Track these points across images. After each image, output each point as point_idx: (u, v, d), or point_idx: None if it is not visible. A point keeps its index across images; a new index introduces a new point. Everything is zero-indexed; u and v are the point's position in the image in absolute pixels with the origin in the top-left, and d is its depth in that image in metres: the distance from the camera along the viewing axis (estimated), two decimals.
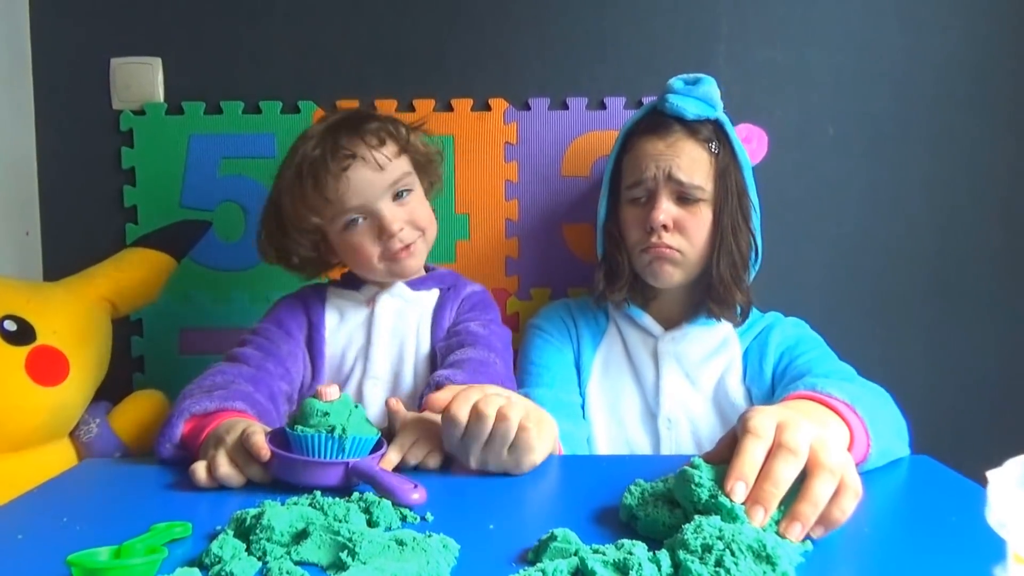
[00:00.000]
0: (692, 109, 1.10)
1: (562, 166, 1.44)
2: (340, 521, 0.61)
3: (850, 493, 0.58)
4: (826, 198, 1.44)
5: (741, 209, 1.12)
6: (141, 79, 1.43)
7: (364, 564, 0.54)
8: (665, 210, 1.10)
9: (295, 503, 0.65)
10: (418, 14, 1.43)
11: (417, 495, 0.69)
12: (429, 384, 0.98)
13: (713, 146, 1.11)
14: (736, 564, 0.51)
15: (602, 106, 1.43)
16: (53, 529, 0.65)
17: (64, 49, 1.45)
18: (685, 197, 1.10)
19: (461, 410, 0.75)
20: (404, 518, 0.67)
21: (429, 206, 1.16)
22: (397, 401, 0.86)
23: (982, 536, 0.54)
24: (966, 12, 1.41)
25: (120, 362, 1.37)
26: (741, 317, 1.15)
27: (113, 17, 1.44)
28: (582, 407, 1.16)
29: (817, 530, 0.59)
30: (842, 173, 1.44)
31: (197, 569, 0.54)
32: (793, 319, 1.21)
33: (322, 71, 1.44)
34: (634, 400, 1.16)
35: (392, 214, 1.08)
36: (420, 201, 1.14)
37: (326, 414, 0.75)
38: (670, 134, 1.11)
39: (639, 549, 0.55)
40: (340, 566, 0.55)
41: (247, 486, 0.75)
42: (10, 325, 1.11)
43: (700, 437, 1.13)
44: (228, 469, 0.74)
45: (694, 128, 1.11)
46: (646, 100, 1.30)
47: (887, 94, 1.42)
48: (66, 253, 1.44)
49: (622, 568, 0.52)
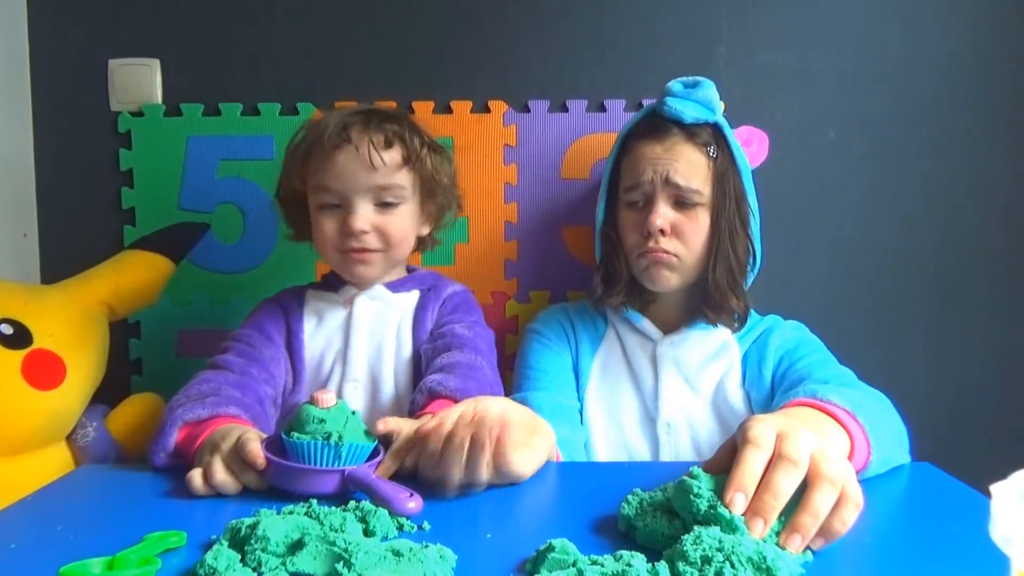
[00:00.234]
0: (691, 112, 1.09)
1: (562, 168, 1.43)
2: (336, 531, 0.60)
3: (851, 504, 0.58)
4: (826, 201, 1.44)
5: (739, 214, 1.12)
6: (139, 80, 1.43)
7: (360, 575, 0.54)
8: (662, 214, 1.09)
9: (291, 512, 0.65)
10: (417, 16, 1.42)
11: (413, 504, 0.68)
12: (420, 390, 0.97)
13: (711, 150, 1.10)
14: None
15: (602, 108, 1.42)
16: (47, 538, 0.64)
17: (62, 50, 1.44)
18: (683, 201, 1.10)
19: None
20: (401, 527, 0.66)
21: (411, 227, 1.14)
22: (386, 422, 0.81)
23: (984, 547, 0.54)
24: (966, 15, 1.40)
25: (118, 364, 1.37)
26: (738, 323, 1.14)
27: (111, 18, 1.43)
28: (580, 411, 1.15)
29: (817, 541, 0.58)
30: (842, 176, 1.43)
31: None
32: (792, 322, 1.21)
33: (321, 73, 1.43)
34: (633, 404, 1.15)
35: (363, 214, 1.08)
36: (403, 217, 1.11)
37: (322, 421, 0.74)
38: (668, 138, 1.10)
39: (638, 561, 0.55)
40: None
41: (243, 493, 0.74)
42: (6, 328, 1.10)
43: (699, 442, 1.12)
44: (224, 476, 0.73)
45: (692, 132, 1.10)
46: (646, 102, 1.29)
47: (888, 97, 1.42)
48: (64, 255, 1.44)
49: None
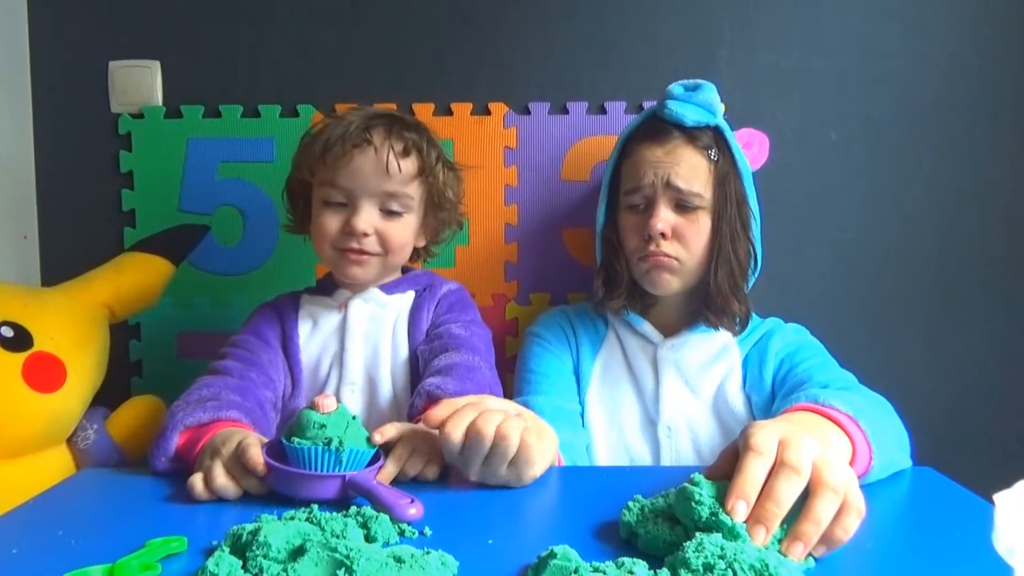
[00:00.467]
0: (691, 116, 1.09)
1: (562, 171, 1.43)
2: (337, 537, 0.60)
3: (853, 512, 0.58)
4: (827, 202, 1.44)
5: (740, 217, 1.11)
6: (139, 82, 1.43)
7: None
8: (663, 218, 1.09)
9: (291, 517, 0.65)
10: (418, 17, 1.42)
11: (414, 510, 0.68)
12: (419, 393, 0.97)
13: (712, 153, 1.10)
14: None
15: (602, 111, 1.42)
16: (48, 543, 0.64)
17: (62, 52, 1.44)
18: (684, 205, 1.10)
19: (457, 431, 0.74)
20: (402, 533, 0.66)
21: (411, 237, 1.14)
22: (383, 432, 0.79)
23: (987, 554, 0.54)
24: (968, 17, 1.40)
25: (118, 366, 1.36)
26: (739, 327, 1.14)
27: (111, 20, 1.43)
28: (581, 415, 1.15)
29: (819, 549, 0.58)
30: (843, 177, 1.43)
31: None
32: (793, 325, 1.21)
33: (321, 75, 1.43)
34: (633, 408, 1.15)
35: (367, 216, 1.08)
36: (405, 226, 1.11)
37: (323, 426, 0.74)
38: (669, 141, 1.10)
39: (640, 568, 0.55)
40: None
41: (244, 498, 0.74)
42: (7, 331, 1.10)
43: (700, 445, 1.12)
44: (224, 481, 0.73)
45: (693, 135, 1.10)
46: (647, 105, 1.29)
47: (889, 98, 1.42)
48: (64, 257, 1.44)
49: None
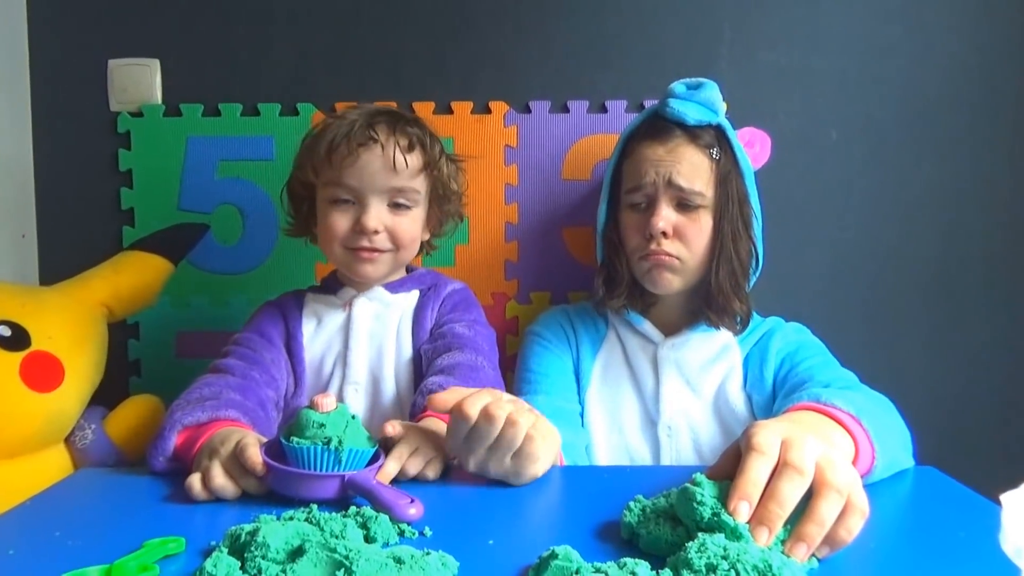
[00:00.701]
0: (693, 114, 1.09)
1: (563, 169, 1.43)
2: (337, 537, 0.59)
3: (857, 513, 0.57)
4: (829, 202, 1.43)
5: (742, 216, 1.11)
6: (139, 81, 1.42)
7: None
8: (665, 217, 1.09)
9: (290, 518, 0.64)
10: (418, 16, 1.41)
11: (414, 510, 0.68)
12: (421, 392, 0.97)
13: (714, 152, 1.09)
14: None
15: (603, 109, 1.42)
16: (45, 544, 0.64)
17: (61, 51, 1.44)
18: (685, 203, 1.09)
19: (472, 408, 0.74)
20: (402, 533, 0.65)
21: (420, 231, 1.14)
22: (394, 426, 0.82)
23: (992, 554, 0.53)
24: (970, 16, 1.40)
25: (116, 366, 1.36)
26: (740, 326, 1.14)
27: (111, 19, 1.43)
28: (581, 414, 1.15)
29: (822, 550, 0.58)
30: (845, 177, 1.43)
31: None
32: (794, 324, 1.20)
33: (321, 73, 1.42)
34: (634, 407, 1.15)
35: (377, 213, 1.07)
36: (413, 221, 1.12)
37: (322, 425, 0.73)
38: (671, 139, 1.09)
39: (642, 568, 0.54)
40: None
41: (242, 498, 0.73)
42: (4, 331, 1.10)
43: (700, 444, 1.12)
44: (223, 481, 0.73)
45: (695, 133, 1.09)
46: (648, 103, 1.28)
47: (890, 98, 1.41)
48: (63, 256, 1.43)
49: None
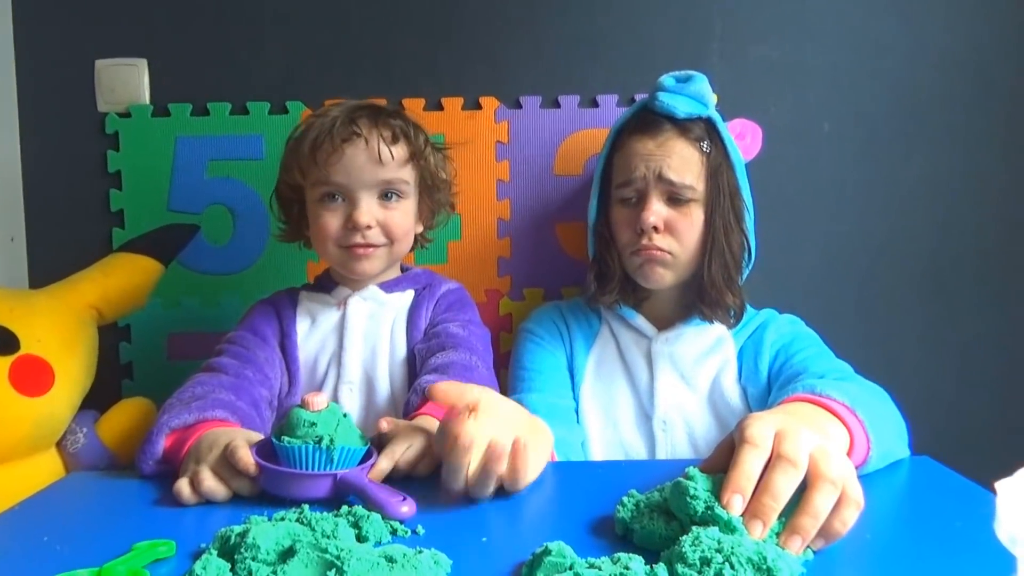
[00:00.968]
0: (683, 107, 1.08)
1: (554, 165, 1.42)
2: (328, 537, 0.59)
3: (852, 505, 0.57)
4: (821, 195, 1.43)
5: (733, 209, 1.10)
6: (126, 81, 1.41)
7: None
8: (656, 211, 1.08)
9: (281, 518, 0.64)
10: (407, 12, 1.40)
11: (406, 508, 0.67)
12: (415, 391, 0.96)
13: (704, 145, 1.09)
14: None
15: (594, 104, 1.41)
16: (34, 549, 0.63)
17: (48, 51, 1.42)
18: (676, 198, 1.09)
19: (458, 481, 0.70)
20: (394, 532, 0.65)
21: (412, 223, 1.14)
22: (389, 422, 0.82)
23: (988, 542, 0.53)
24: (963, 7, 1.39)
25: (108, 368, 1.35)
26: (734, 319, 1.13)
27: (97, 18, 1.41)
28: (576, 410, 1.14)
29: (817, 542, 0.58)
30: (837, 170, 1.42)
31: None
32: (788, 316, 1.20)
33: (310, 71, 1.41)
34: (628, 402, 1.14)
35: (368, 208, 1.07)
36: (405, 213, 1.11)
37: (313, 424, 0.73)
38: (660, 133, 1.09)
39: (636, 563, 0.54)
40: None
41: (233, 500, 0.73)
42: None
43: (696, 438, 1.11)
44: (213, 483, 0.72)
45: (685, 127, 1.09)
46: (638, 97, 1.28)
47: (882, 90, 1.41)
48: (52, 259, 1.42)
49: None
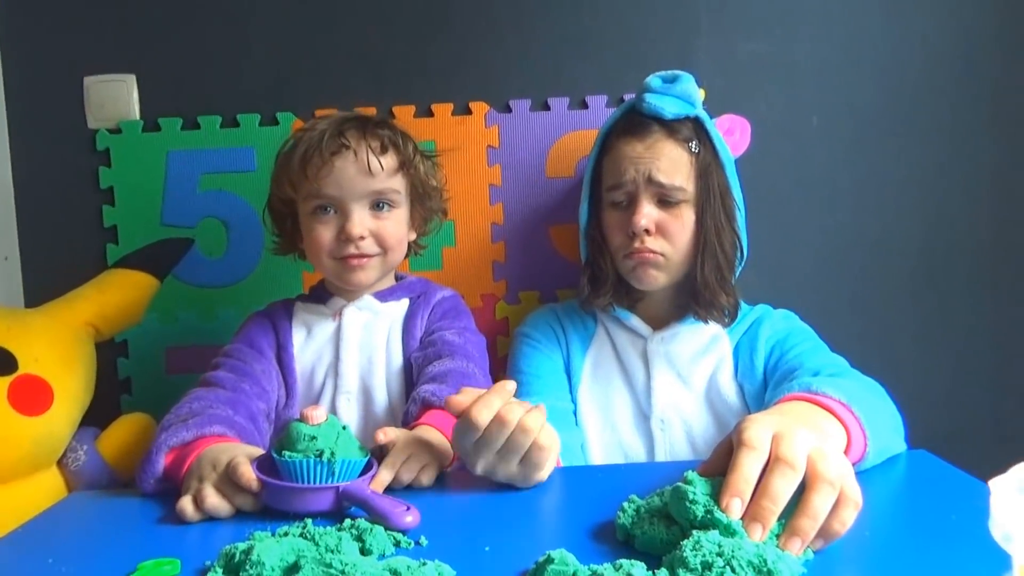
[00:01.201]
0: (670, 108, 1.08)
1: (546, 167, 1.42)
2: (332, 552, 0.59)
3: (850, 505, 0.57)
4: (812, 189, 1.43)
5: (724, 209, 1.10)
6: (116, 97, 1.41)
7: None
8: (647, 214, 1.08)
9: (285, 533, 0.64)
10: (394, 21, 1.41)
11: (410, 518, 0.68)
12: (414, 400, 0.96)
13: (693, 145, 1.09)
14: None
15: (584, 105, 1.41)
16: (39, 572, 0.63)
17: (36, 69, 1.42)
18: (666, 199, 1.09)
19: (482, 415, 0.73)
20: (398, 544, 0.65)
21: (405, 231, 1.15)
22: (387, 433, 0.82)
23: (985, 537, 0.54)
24: (951, 4, 1.39)
25: (107, 384, 1.35)
26: (728, 318, 1.14)
27: (85, 34, 1.41)
28: (574, 413, 1.15)
29: (816, 543, 0.58)
30: (827, 164, 1.43)
31: None
32: (782, 311, 1.20)
33: (300, 81, 1.41)
34: (626, 402, 1.15)
35: (360, 219, 1.07)
36: (397, 222, 1.12)
37: (314, 438, 0.73)
38: (649, 135, 1.09)
39: (638, 569, 0.54)
40: None
41: (236, 516, 0.73)
42: None
43: (694, 436, 1.12)
44: (216, 501, 0.72)
45: (673, 128, 1.09)
46: (627, 97, 1.28)
47: (871, 84, 1.41)
48: (46, 277, 1.42)
49: None
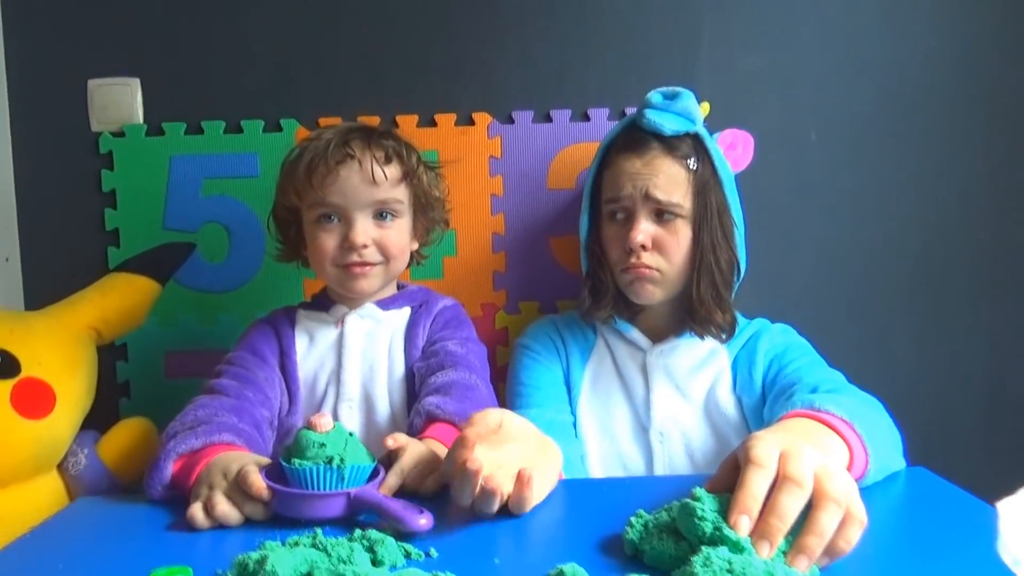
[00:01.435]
0: (670, 125, 1.09)
1: (548, 179, 1.43)
2: (344, 562, 0.60)
3: (856, 523, 0.58)
4: (811, 202, 1.44)
5: (721, 226, 1.11)
6: (119, 100, 1.41)
7: None
8: (643, 230, 1.09)
9: (296, 542, 0.65)
10: (399, 29, 1.42)
11: (424, 520, 0.69)
12: (418, 412, 0.97)
13: (691, 162, 1.09)
14: None
15: (586, 117, 1.42)
16: None
17: (40, 71, 1.42)
18: (664, 215, 1.10)
19: (463, 498, 0.71)
20: (408, 555, 0.66)
21: (408, 241, 1.15)
22: (396, 438, 0.83)
23: (987, 556, 0.55)
24: (948, 13, 1.41)
25: (106, 388, 1.34)
26: (725, 335, 1.14)
27: (89, 38, 1.42)
28: (574, 424, 1.15)
29: (822, 560, 0.59)
30: (826, 177, 1.44)
31: None
32: (780, 325, 1.21)
33: (304, 89, 1.42)
34: (625, 415, 1.16)
35: (363, 228, 1.08)
36: (400, 231, 1.13)
37: (323, 445, 0.74)
38: (647, 151, 1.10)
39: None
40: None
41: (246, 524, 0.74)
42: None
43: (692, 449, 1.13)
44: (226, 508, 0.73)
45: (672, 144, 1.09)
46: (630, 111, 1.29)
47: (870, 97, 1.43)
48: (48, 279, 1.42)
49: None
